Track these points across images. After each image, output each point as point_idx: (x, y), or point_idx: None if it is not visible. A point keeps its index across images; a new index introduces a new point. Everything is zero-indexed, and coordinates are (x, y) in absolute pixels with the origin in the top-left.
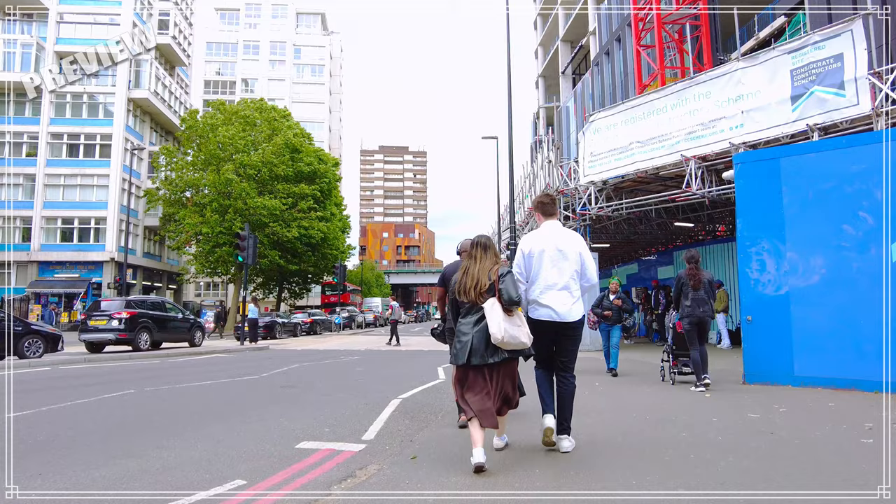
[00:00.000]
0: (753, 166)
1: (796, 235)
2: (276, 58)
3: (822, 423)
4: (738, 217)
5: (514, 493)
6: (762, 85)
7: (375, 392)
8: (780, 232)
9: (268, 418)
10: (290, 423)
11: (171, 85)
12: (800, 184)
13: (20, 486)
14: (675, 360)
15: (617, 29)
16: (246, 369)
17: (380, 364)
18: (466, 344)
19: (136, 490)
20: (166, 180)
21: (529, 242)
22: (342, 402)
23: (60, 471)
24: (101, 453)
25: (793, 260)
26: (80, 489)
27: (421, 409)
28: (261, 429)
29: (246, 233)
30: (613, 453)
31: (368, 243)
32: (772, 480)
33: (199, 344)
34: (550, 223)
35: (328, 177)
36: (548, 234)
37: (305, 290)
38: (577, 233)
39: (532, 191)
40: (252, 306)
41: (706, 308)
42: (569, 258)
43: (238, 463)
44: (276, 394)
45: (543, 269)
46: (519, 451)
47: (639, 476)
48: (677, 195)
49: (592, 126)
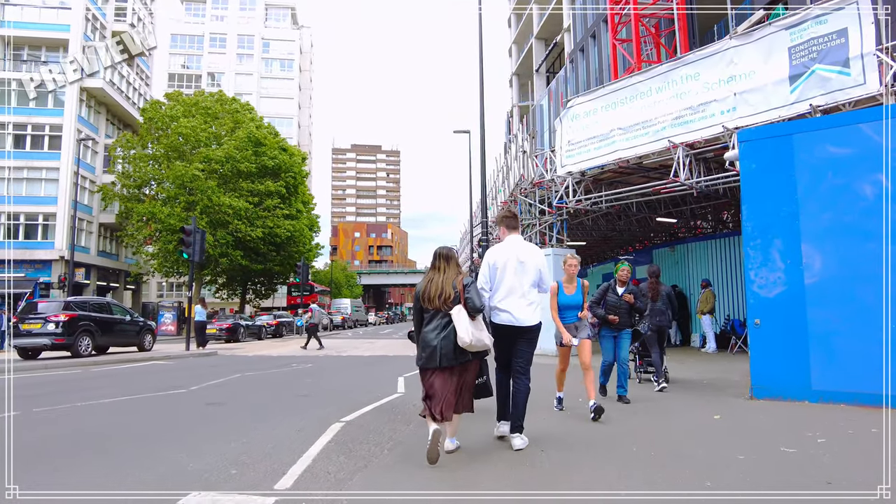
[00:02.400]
0: (761, 145)
1: (812, 225)
2: (244, 51)
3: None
4: (744, 205)
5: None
6: (757, 64)
7: (317, 411)
8: (792, 221)
9: (163, 452)
10: (190, 459)
11: (130, 75)
12: (817, 164)
13: (20, 486)
14: (640, 360)
15: (592, 25)
16: (178, 380)
17: (333, 373)
18: (435, 349)
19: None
20: (124, 174)
21: (495, 255)
22: (270, 428)
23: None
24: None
25: (809, 254)
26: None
27: (365, 439)
28: (142, 469)
29: (192, 227)
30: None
31: (340, 243)
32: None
33: (150, 348)
34: (513, 237)
35: (294, 171)
36: (511, 247)
37: (271, 290)
38: (536, 245)
39: (505, 184)
40: (198, 308)
41: (663, 318)
42: (528, 269)
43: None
44: (196, 414)
45: (506, 278)
46: (474, 451)
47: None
48: (663, 186)
49: (570, 112)
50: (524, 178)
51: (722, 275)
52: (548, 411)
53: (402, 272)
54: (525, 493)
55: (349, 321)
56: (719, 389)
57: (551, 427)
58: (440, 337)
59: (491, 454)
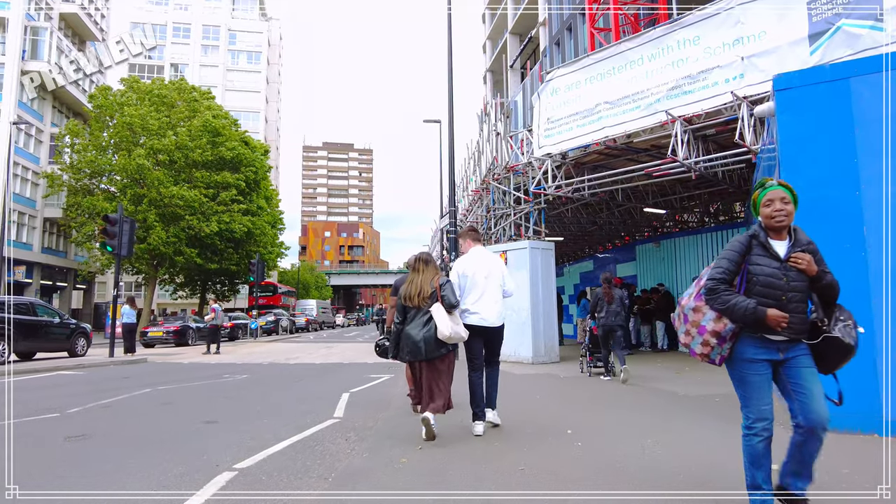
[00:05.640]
0: (807, 94)
1: (879, 200)
2: (209, 42)
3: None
4: (783, 172)
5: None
6: (769, 24)
7: (209, 450)
8: (851, 195)
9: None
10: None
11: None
12: (885, 117)
13: (20, 486)
14: (591, 356)
15: (568, 18)
16: (63, 399)
17: (268, 387)
18: (418, 343)
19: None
20: (71, 166)
21: (463, 265)
22: (125, 477)
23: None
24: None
25: (874, 238)
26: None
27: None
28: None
29: (117, 216)
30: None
31: (309, 243)
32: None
33: (84, 353)
34: (478, 248)
35: (255, 165)
36: (476, 257)
37: (233, 291)
38: (496, 255)
39: (477, 171)
40: (127, 309)
41: (617, 319)
42: (493, 276)
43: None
44: (43, 456)
45: (475, 285)
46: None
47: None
48: (656, 167)
49: (550, 86)
50: (497, 162)
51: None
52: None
53: (374, 272)
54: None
55: (314, 323)
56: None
57: None
58: (422, 332)
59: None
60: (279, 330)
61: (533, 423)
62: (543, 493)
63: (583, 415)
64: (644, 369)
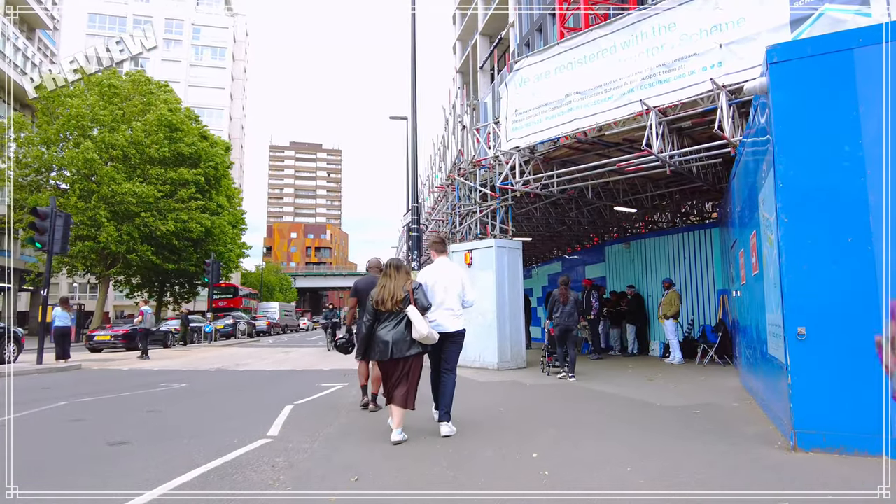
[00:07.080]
0: (804, 66)
1: (887, 186)
2: (172, 37)
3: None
4: (779, 158)
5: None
6: (748, 10)
7: (97, 483)
8: (855, 181)
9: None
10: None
11: (28, 50)
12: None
13: (20, 486)
14: (549, 356)
15: (538, 19)
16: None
17: (203, 398)
18: (388, 344)
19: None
20: (15, 161)
21: (427, 275)
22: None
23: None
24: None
25: (880, 229)
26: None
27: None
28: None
29: (49, 209)
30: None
31: (275, 244)
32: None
33: (13, 360)
34: (442, 259)
35: (216, 161)
36: (440, 268)
37: (192, 293)
38: (457, 265)
39: (443, 165)
40: (59, 311)
41: (571, 320)
42: (454, 286)
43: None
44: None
45: (437, 294)
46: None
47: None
48: (629, 161)
49: (518, 76)
50: (462, 156)
51: (686, 274)
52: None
53: (342, 275)
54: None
55: (276, 327)
56: (728, 427)
57: None
58: (391, 333)
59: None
60: (237, 334)
61: (495, 442)
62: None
63: (553, 432)
64: (615, 375)
